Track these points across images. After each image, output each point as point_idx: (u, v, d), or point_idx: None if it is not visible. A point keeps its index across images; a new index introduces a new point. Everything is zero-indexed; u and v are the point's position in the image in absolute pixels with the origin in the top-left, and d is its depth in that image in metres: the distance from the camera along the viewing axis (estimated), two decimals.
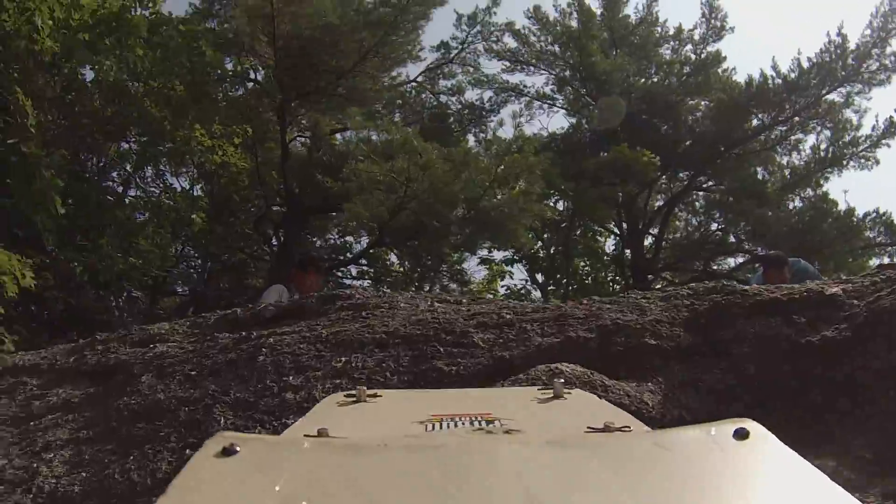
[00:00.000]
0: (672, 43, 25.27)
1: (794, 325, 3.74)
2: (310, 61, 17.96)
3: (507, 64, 24.90)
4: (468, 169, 17.03)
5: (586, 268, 26.24)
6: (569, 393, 2.04)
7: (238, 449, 1.25)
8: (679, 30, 25.02)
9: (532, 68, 25.13)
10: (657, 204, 25.03)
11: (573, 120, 25.97)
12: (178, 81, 13.65)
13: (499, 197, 17.90)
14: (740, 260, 23.42)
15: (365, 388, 2.04)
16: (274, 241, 22.27)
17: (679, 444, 1.37)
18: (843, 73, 21.59)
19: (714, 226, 24.72)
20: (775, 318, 3.86)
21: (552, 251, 25.18)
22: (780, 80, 22.23)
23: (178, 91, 13.75)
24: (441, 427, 1.63)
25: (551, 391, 2.01)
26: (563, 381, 2.24)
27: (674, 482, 1.25)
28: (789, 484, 1.24)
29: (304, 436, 1.43)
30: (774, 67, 22.50)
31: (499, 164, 17.80)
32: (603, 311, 4.51)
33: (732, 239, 23.98)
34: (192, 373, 4.21)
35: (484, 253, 22.77)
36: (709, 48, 24.37)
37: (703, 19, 24.40)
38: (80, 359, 4.78)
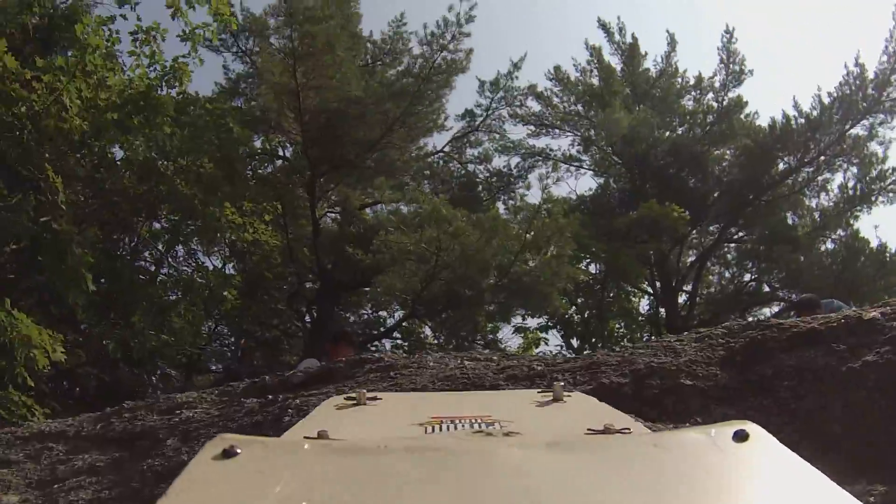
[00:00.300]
0: (693, 93, 25.47)
1: (835, 353, 3.62)
2: (337, 135, 18.28)
3: (533, 128, 25.17)
4: (498, 235, 17.06)
5: (621, 329, 25.97)
6: (568, 395, 2.02)
7: (238, 451, 1.26)
8: (699, 79, 25.23)
9: (557, 130, 25.37)
10: (689, 259, 24.89)
11: (601, 180, 26.10)
12: (207, 159, 13.89)
13: (530, 263, 17.86)
14: (776, 309, 23.03)
15: (365, 390, 2.02)
16: (308, 318, 22.36)
17: (679, 446, 1.37)
18: (864, 104, 21.47)
19: (747, 276, 24.59)
20: (815, 348, 3.74)
21: (586, 315, 24.97)
22: (802, 120, 22.18)
23: (207, 169, 13.99)
24: (441, 429, 1.64)
25: (551, 394, 1.99)
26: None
27: (674, 484, 1.25)
28: (790, 485, 1.24)
29: (304, 438, 1.45)
30: (796, 107, 22.57)
31: (528, 230, 17.79)
32: (636, 356, 4.41)
33: (767, 288, 23.74)
34: None
35: (518, 321, 22.64)
36: (730, 94, 24.50)
37: (722, 65, 24.53)
38: (107, 426, 4.75)
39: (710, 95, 24.96)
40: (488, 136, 25.03)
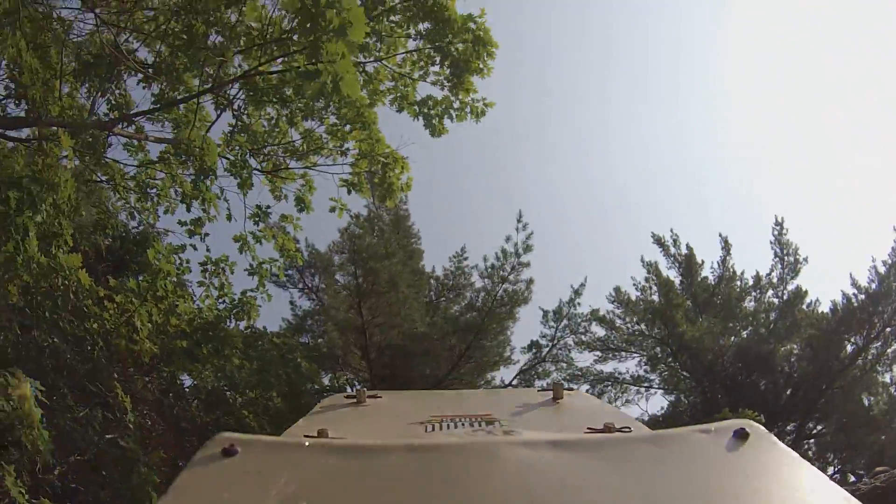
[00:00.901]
0: (753, 293, 25.29)
1: None
2: (404, 370, 18.35)
3: (599, 353, 24.96)
4: None
5: None
6: (568, 394, 1.98)
7: (238, 450, 1.27)
8: (758, 278, 25.13)
9: (623, 353, 25.18)
10: None
11: (671, 397, 25.48)
12: (275, 393, 14.01)
13: None
14: None
15: (365, 389, 2.01)
16: None
17: (679, 445, 1.38)
18: None
19: (830, 470, 23.11)
20: None
21: None
22: (862, 296, 21.98)
23: (275, 402, 14.08)
24: (441, 428, 1.62)
25: (551, 392, 1.96)
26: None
27: (674, 482, 1.26)
28: (789, 483, 1.27)
29: (304, 436, 1.43)
30: (854, 283, 22.38)
31: None
32: None
33: (852, 478, 22.27)
34: None
35: None
36: (789, 287, 24.35)
37: (777, 259, 24.61)
38: None
39: (770, 293, 24.89)
40: (556, 366, 24.78)
